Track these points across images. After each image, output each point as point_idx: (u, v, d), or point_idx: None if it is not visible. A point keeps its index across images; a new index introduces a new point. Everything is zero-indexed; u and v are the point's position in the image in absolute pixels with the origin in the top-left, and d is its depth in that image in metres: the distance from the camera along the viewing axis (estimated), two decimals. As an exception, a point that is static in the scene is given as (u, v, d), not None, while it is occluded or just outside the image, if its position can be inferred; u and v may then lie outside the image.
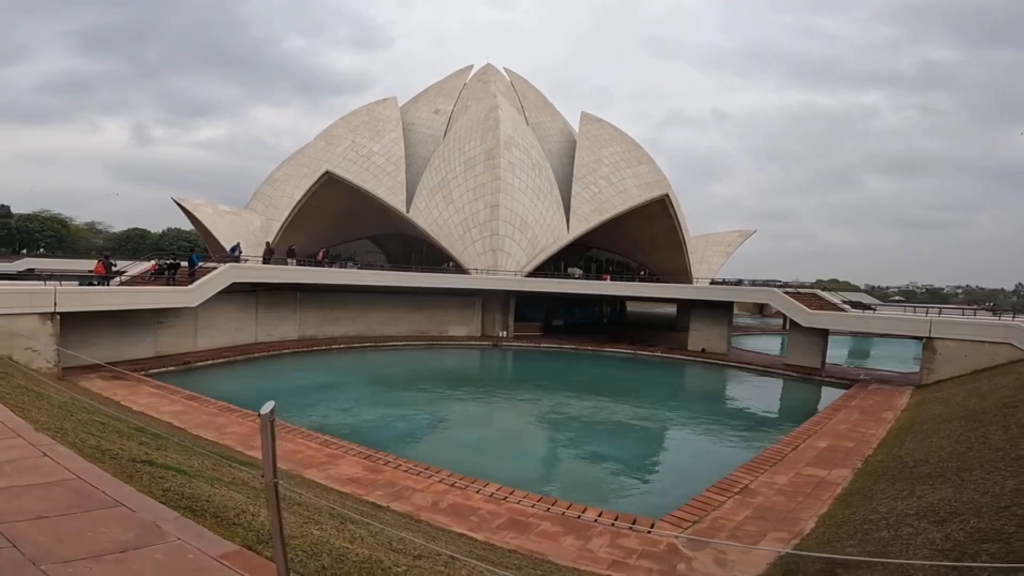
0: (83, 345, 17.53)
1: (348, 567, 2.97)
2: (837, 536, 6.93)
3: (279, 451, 8.69)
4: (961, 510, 6.39)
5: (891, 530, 6.46)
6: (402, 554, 4.10)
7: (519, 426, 15.87)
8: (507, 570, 5.14)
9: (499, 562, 5.49)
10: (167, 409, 12.84)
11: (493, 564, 5.08)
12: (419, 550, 4.44)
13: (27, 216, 58.74)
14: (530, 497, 8.74)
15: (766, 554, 6.75)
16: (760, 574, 6.30)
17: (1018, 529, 5.28)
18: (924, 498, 7.32)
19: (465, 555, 5.18)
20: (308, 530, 3.76)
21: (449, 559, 4.42)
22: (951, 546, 5.42)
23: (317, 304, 27.18)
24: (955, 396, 15.40)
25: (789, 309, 23.82)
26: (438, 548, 5.08)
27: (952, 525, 5.98)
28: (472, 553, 5.58)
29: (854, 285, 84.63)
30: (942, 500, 6.98)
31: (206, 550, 2.67)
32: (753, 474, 10.05)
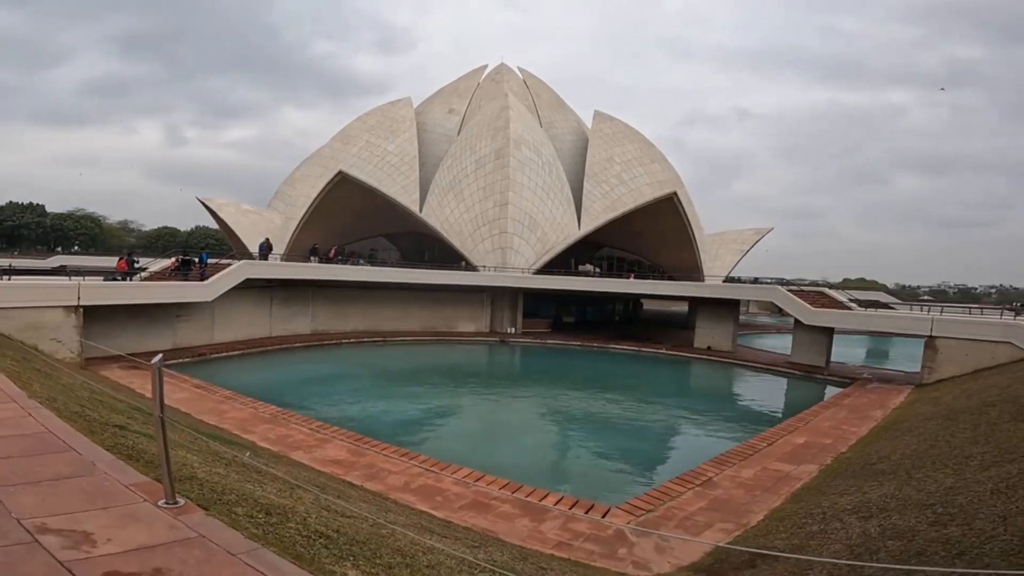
0: (106, 337, 18.69)
1: (246, 502, 3.50)
2: (775, 529, 7.25)
3: (272, 436, 9.40)
4: (891, 506, 6.64)
5: (822, 524, 6.76)
6: (331, 512, 4.68)
7: (508, 417, 16.42)
8: (443, 538, 5.69)
9: (440, 533, 6.03)
10: (176, 396, 13.74)
11: (423, 531, 5.62)
12: (352, 514, 5.01)
13: (62, 215, 61.90)
14: (498, 482, 9.25)
15: (704, 544, 7.12)
16: (694, 562, 6.66)
17: (928, 527, 5.53)
18: (867, 494, 7.58)
19: (403, 526, 5.74)
20: (241, 484, 4.34)
21: (376, 522, 4.97)
22: (862, 541, 5.70)
23: (329, 300, 28.16)
24: (946, 395, 15.37)
25: (792, 307, 23.77)
26: (379, 518, 5.64)
27: (875, 521, 6.26)
28: (415, 524, 6.14)
29: (881, 284, 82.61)
30: (881, 496, 7.23)
31: (121, 480, 3.30)
32: (720, 467, 10.35)
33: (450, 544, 5.56)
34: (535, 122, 42.25)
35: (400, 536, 4.78)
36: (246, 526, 2.89)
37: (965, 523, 5.23)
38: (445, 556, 4.49)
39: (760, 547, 6.59)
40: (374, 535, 4.28)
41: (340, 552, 2.95)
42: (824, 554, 5.67)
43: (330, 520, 4.12)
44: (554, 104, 48.69)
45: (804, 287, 27.96)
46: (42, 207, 61.78)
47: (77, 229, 61.40)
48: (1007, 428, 9.16)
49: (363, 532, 4.16)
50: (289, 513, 3.57)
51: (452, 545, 5.47)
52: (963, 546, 4.65)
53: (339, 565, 2.67)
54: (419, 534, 5.66)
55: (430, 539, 5.39)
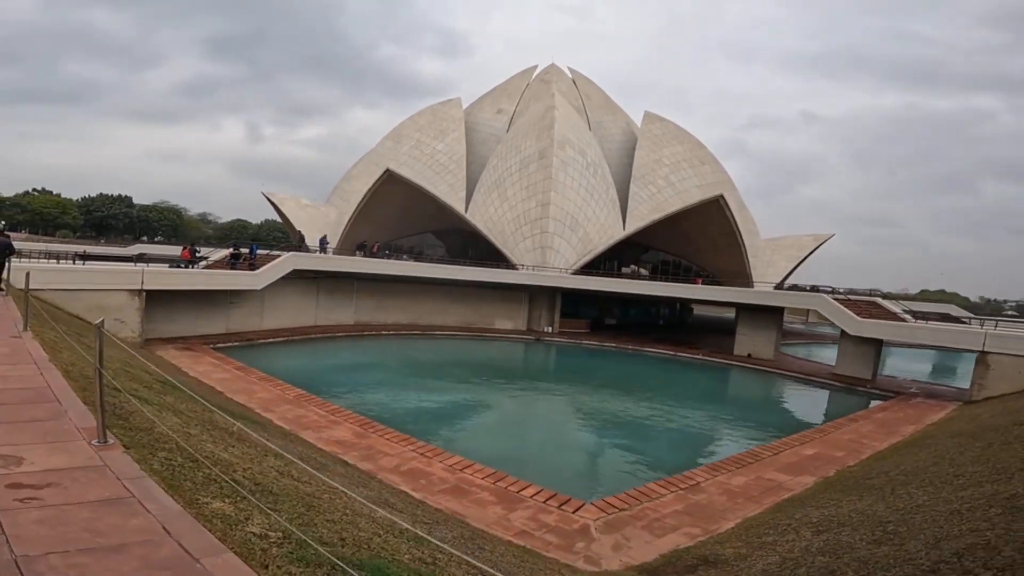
0: (167, 320, 20.65)
1: (177, 452, 4.07)
2: (736, 537, 7.19)
3: (290, 416, 10.27)
4: (850, 522, 6.48)
5: (778, 535, 6.67)
6: (283, 475, 5.26)
7: (522, 412, 16.75)
8: (397, 512, 6.17)
9: (399, 508, 6.52)
10: (216, 376, 15.09)
11: (381, 503, 6.11)
12: (305, 480, 5.58)
13: (147, 207, 68.10)
14: (484, 471, 9.65)
15: (662, 546, 7.18)
16: (645, 562, 6.71)
17: (865, 545, 5.39)
18: (840, 508, 7.39)
19: (364, 497, 6.27)
20: (200, 443, 4.97)
21: (329, 488, 5.50)
22: (797, 556, 5.62)
23: (372, 293, 29.49)
24: (985, 413, 14.39)
25: (837, 316, 22.65)
26: (346, 488, 6.19)
27: (825, 536, 6.14)
28: (379, 499, 6.65)
29: (962, 297, 76.10)
30: (850, 511, 7.04)
31: (79, 425, 4.00)
32: (713, 473, 10.22)
33: (400, 516, 6.04)
34: (582, 123, 42.15)
35: (344, 503, 5.28)
36: (153, 464, 3.45)
37: (899, 544, 5.14)
38: (380, 522, 4.96)
39: (712, 553, 6.64)
40: (308, 495, 4.79)
41: (230, 493, 3.43)
42: (759, 565, 5.70)
43: (267, 478, 4.67)
44: (603, 105, 48.33)
45: (854, 296, 26.49)
46: (129, 199, 68.31)
47: (160, 220, 67.37)
48: (1017, 447, 8.63)
49: (293, 489, 4.67)
50: (218, 465, 4.14)
51: (400, 517, 5.93)
52: (877, 567, 4.62)
53: (211, 498, 3.17)
54: (378, 506, 6.18)
55: (382, 509, 5.90)
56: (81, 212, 63.98)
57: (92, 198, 65.64)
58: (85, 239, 55.73)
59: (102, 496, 2.82)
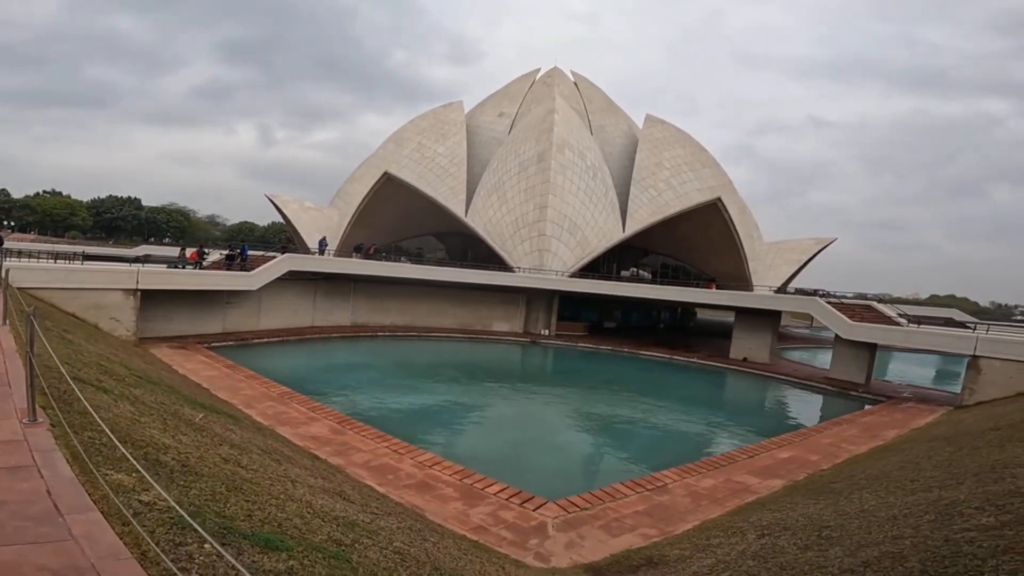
0: (164, 319, 21.00)
1: (106, 434, 4.24)
2: (687, 538, 7.19)
3: (270, 412, 10.46)
4: (795, 525, 6.45)
5: (726, 538, 6.66)
6: (231, 463, 5.43)
7: (505, 412, 16.75)
8: (347, 503, 6.31)
9: (347, 498, 6.63)
10: (205, 374, 15.35)
11: (333, 495, 6.26)
12: (267, 471, 5.75)
13: (155, 209, 69.18)
14: (452, 468, 9.77)
15: (615, 546, 7.22)
16: (594, 561, 6.74)
17: (796, 550, 5.32)
18: (793, 512, 7.38)
19: (326, 492, 6.43)
20: (142, 429, 5.15)
21: (286, 478, 5.66)
22: (731, 559, 5.60)
23: (369, 294, 29.75)
24: (969, 418, 14.28)
25: (830, 320, 22.53)
26: (298, 478, 6.35)
27: (766, 539, 6.11)
28: (336, 491, 6.79)
29: (972, 302, 75.10)
30: (801, 515, 7.02)
31: (18, 406, 4.24)
32: (683, 475, 10.23)
33: (347, 506, 6.16)
34: (582, 126, 42.24)
35: (283, 489, 5.41)
36: (70, 441, 3.63)
37: (824, 550, 5.14)
38: (316, 508, 5.10)
39: (658, 554, 6.69)
40: (245, 479, 4.93)
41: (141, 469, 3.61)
42: (694, 567, 5.74)
43: (203, 463, 4.80)
44: (605, 107, 48.43)
45: (849, 300, 26.33)
46: (138, 200, 69.40)
47: (169, 222, 68.42)
48: (984, 453, 8.60)
49: (229, 474, 4.82)
50: (149, 447, 4.32)
51: (347, 506, 6.06)
52: (794, 573, 4.67)
53: (116, 472, 3.33)
54: (329, 496, 6.33)
55: (330, 498, 6.05)
56: (91, 214, 65.17)
57: (101, 200, 66.80)
58: (95, 240, 56.66)
59: (7, 464, 3.04)
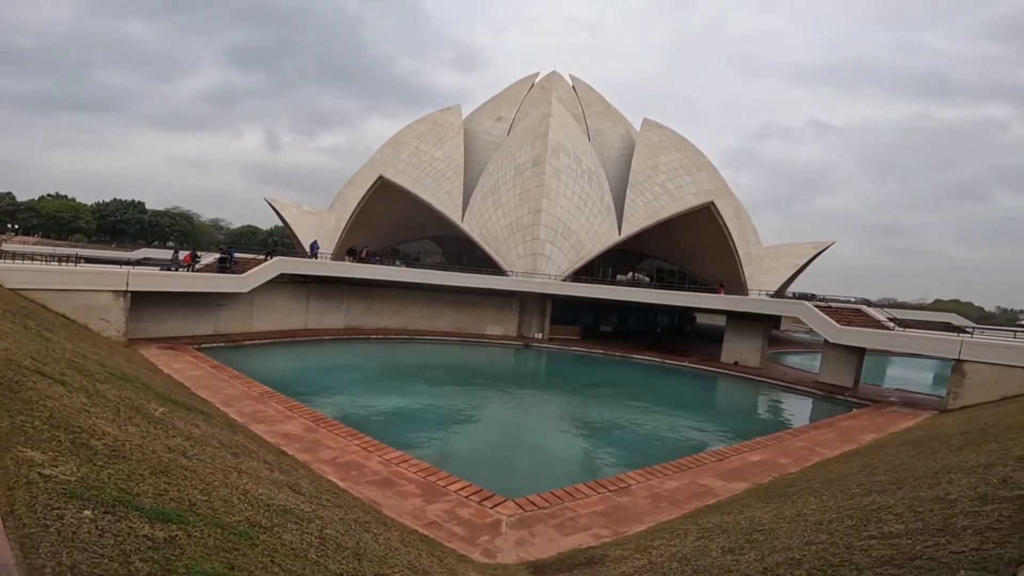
0: (155, 321, 21.31)
1: (49, 421, 4.42)
2: (636, 539, 7.23)
3: (247, 411, 10.62)
4: (732, 529, 6.43)
5: (669, 540, 6.65)
6: (175, 452, 5.59)
7: (485, 412, 16.79)
8: (297, 494, 6.46)
9: (295, 489, 6.76)
10: (189, 373, 15.57)
11: (280, 486, 6.41)
12: (212, 461, 5.90)
13: (159, 212, 69.95)
14: (419, 466, 9.88)
15: (564, 545, 7.27)
16: (540, 559, 6.80)
17: (720, 553, 5.32)
18: (739, 515, 7.38)
19: (274, 483, 6.58)
20: (80, 417, 5.33)
21: (231, 468, 5.82)
22: (661, 561, 5.61)
23: (363, 297, 30.00)
24: (949, 422, 14.26)
25: (817, 323, 22.53)
26: (246, 469, 6.50)
27: (701, 542, 6.07)
28: (288, 483, 6.91)
29: (976, 307, 74.49)
30: (744, 518, 7.00)
31: None
32: (648, 477, 10.22)
33: (293, 497, 6.27)
34: (579, 130, 42.42)
35: (223, 479, 5.54)
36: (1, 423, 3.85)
37: (742, 554, 5.11)
38: (251, 497, 5.25)
39: (601, 554, 6.76)
40: (183, 467, 5.07)
41: (60, 450, 3.76)
42: (625, 567, 5.80)
43: (143, 451, 4.91)
44: (603, 111, 48.61)
45: (838, 304, 26.29)
46: (142, 204, 70.19)
47: (172, 225, 69.13)
48: (939, 457, 8.62)
49: (167, 462, 4.96)
50: (84, 434, 4.50)
51: (292, 497, 6.18)
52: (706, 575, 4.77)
53: (32, 449, 3.50)
54: (275, 487, 6.45)
55: (272, 489, 6.18)
56: (95, 217, 65.96)
57: (106, 203, 67.60)
58: (99, 244, 57.37)
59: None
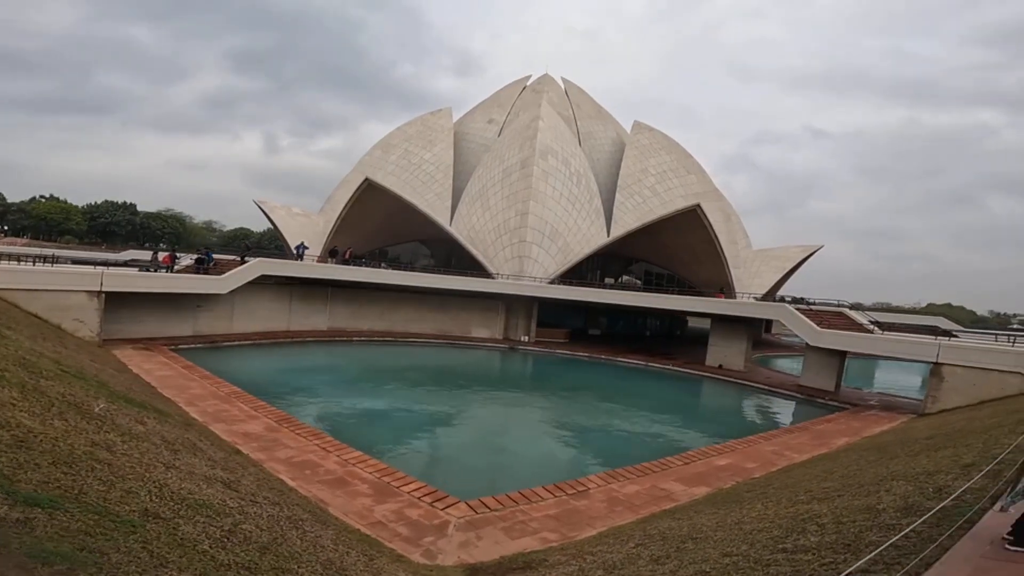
0: (133, 321, 21.13)
1: None
2: (581, 544, 7.05)
3: (211, 410, 10.49)
4: (668, 536, 6.31)
5: (610, 546, 6.48)
6: (99, 447, 5.47)
7: (458, 414, 16.62)
8: (230, 490, 6.32)
9: (239, 491, 6.64)
10: (158, 373, 15.42)
11: (211, 482, 6.29)
12: (138, 457, 5.78)
13: (151, 214, 69.70)
14: (377, 466, 9.74)
15: (509, 548, 7.08)
16: (481, 562, 6.65)
17: (645, 563, 5.23)
18: (689, 520, 7.24)
19: (208, 480, 6.44)
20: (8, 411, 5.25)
21: (158, 465, 5.68)
22: (591, 568, 5.53)
23: (346, 300, 29.83)
24: (921, 425, 14.21)
25: (798, 326, 22.47)
26: (175, 466, 6.37)
27: (637, 549, 5.96)
28: (227, 480, 6.77)
29: (968, 311, 74.63)
30: (688, 525, 6.83)
31: None
32: (608, 480, 10.01)
33: (223, 493, 6.13)
34: (569, 132, 42.41)
35: (143, 473, 5.40)
36: None
37: (664, 563, 5.03)
38: (167, 493, 5.13)
39: (540, 559, 6.62)
40: (102, 460, 4.95)
41: None
42: (555, 574, 5.72)
43: (55, 444, 4.81)
44: (594, 114, 48.67)
45: (820, 307, 26.26)
46: (133, 206, 69.90)
47: (164, 227, 68.90)
48: (894, 463, 8.52)
49: (81, 455, 4.84)
50: None
51: (221, 494, 6.03)
52: None
53: None
54: (207, 484, 6.27)
55: (200, 484, 6.02)
56: (85, 219, 65.74)
57: (97, 205, 67.35)
58: (89, 245, 57.15)
59: None
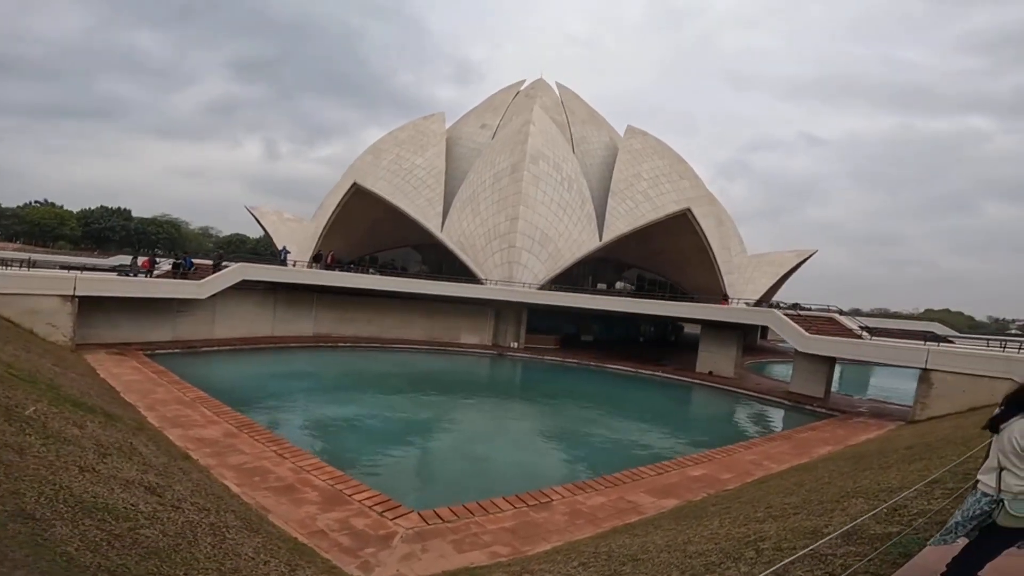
0: (109, 326, 20.80)
1: None
2: (529, 560, 6.69)
3: (170, 415, 10.08)
4: (615, 556, 5.92)
5: (556, 564, 6.09)
6: (14, 450, 5.12)
7: (430, 422, 16.15)
8: (152, 494, 5.95)
9: (175, 495, 6.24)
10: (126, 378, 15.07)
11: (143, 489, 5.93)
12: (77, 459, 5.45)
13: (146, 220, 69.57)
14: (332, 474, 9.36)
15: (454, 563, 6.70)
16: None
17: None
18: (645, 537, 6.84)
19: (136, 485, 6.09)
20: None
21: (82, 468, 5.33)
22: None
23: (333, 305, 29.49)
24: (907, 433, 13.83)
25: (786, 332, 22.08)
26: (129, 471, 6.02)
27: (579, 568, 5.69)
28: (158, 485, 6.40)
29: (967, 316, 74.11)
30: (640, 543, 6.46)
31: None
32: (575, 491, 9.56)
33: (139, 498, 5.76)
34: (561, 137, 42.19)
35: (47, 475, 5.07)
36: None
37: None
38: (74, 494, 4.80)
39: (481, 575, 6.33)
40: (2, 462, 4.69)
41: None
42: None
43: None
44: (588, 119, 48.49)
45: (810, 312, 25.88)
46: (128, 211, 69.79)
47: (158, 233, 68.73)
48: (863, 476, 8.16)
49: None
50: None
51: (136, 498, 5.63)
52: None
53: None
54: (122, 488, 5.88)
55: (113, 488, 5.65)
56: (80, 224, 65.66)
57: (91, 210, 67.29)
58: (83, 251, 57.00)
59: None
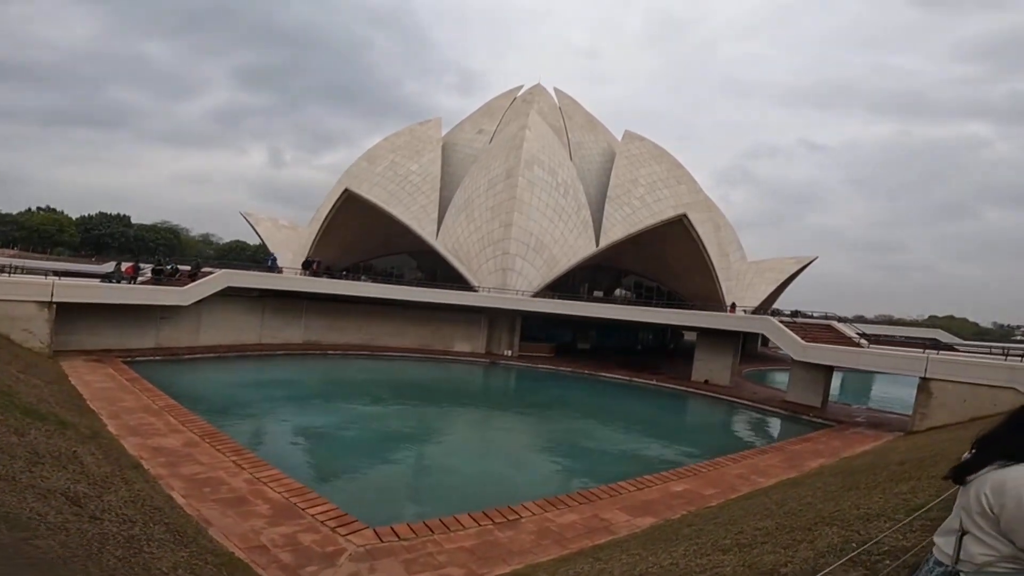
0: (90, 333, 20.43)
1: None
2: None
3: (132, 423, 9.62)
4: None
5: None
6: None
7: (410, 431, 15.59)
8: (75, 506, 5.49)
9: (92, 507, 5.76)
10: (97, 385, 14.66)
11: (66, 500, 5.48)
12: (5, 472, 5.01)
13: (145, 227, 69.62)
14: (290, 486, 8.89)
15: None
16: None
17: None
18: (605, 564, 6.30)
19: (58, 494, 5.63)
20: None
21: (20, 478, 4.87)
22: None
23: (323, 312, 29.04)
24: (902, 446, 13.22)
25: (782, 340, 21.52)
26: (60, 481, 5.58)
27: None
28: (75, 495, 5.91)
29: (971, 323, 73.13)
30: (600, 570, 6.05)
31: None
32: (545, 508, 9.00)
33: (58, 508, 5.30)
34: (557, 142, 41.87)
35: None
36: None
37: None
38: None
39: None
40: None
41: None
42: None
43: None
44: (585, 124, 48.21)
45: (807, 320, 25.33)
46: (127, 218, 69.90)
47: (158, 240, 68.71)
48: (850, 496, 7.57)
49: None
50: None
51: (53, 506, 5.19)
52: None
53: None
54: (40, 499, 5.50)
55: (31, 497, 5.23)
56: (79, 231, 65.76)
57: (90, 217, 67.43)
58: (82, 257, 57.01)
59: None
